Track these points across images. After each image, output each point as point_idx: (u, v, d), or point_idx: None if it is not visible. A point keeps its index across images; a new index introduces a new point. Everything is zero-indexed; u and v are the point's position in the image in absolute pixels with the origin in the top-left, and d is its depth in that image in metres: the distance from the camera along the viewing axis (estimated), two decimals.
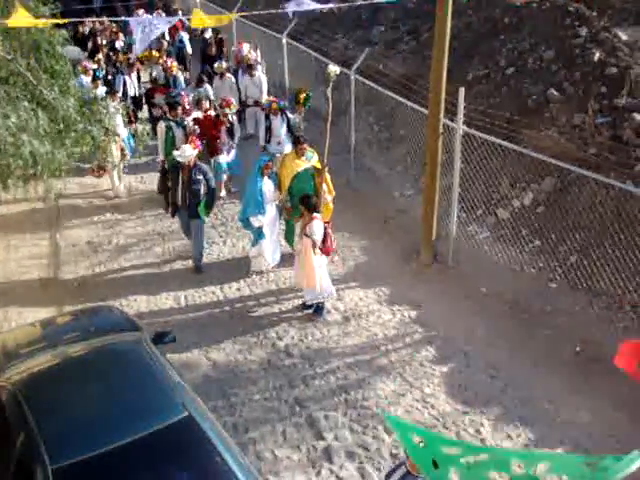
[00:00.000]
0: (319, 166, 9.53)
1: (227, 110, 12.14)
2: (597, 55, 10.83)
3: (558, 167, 8.88)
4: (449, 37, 8.79)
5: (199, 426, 5.48)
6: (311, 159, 9.81)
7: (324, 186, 9.30)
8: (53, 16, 7.71)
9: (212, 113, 12.57)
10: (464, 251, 10.00)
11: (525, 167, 9.97)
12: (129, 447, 5.23)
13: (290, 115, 12.42)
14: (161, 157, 11.90)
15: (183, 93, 13.17)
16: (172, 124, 11.73)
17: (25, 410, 5.54)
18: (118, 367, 6.25)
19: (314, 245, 8.60)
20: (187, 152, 9.79)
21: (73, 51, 15.13)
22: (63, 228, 11.84)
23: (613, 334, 8.07)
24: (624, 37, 11.00)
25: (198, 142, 11.66)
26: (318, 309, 9.07)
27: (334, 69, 8.96)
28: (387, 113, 13.20)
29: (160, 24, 7.15)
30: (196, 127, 11.75)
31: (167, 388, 5.90)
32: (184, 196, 9.82)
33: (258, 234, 9.83)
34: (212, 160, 12.20)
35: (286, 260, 10.16)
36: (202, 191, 9.87)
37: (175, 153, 9.93)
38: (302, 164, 9.74)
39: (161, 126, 11.85)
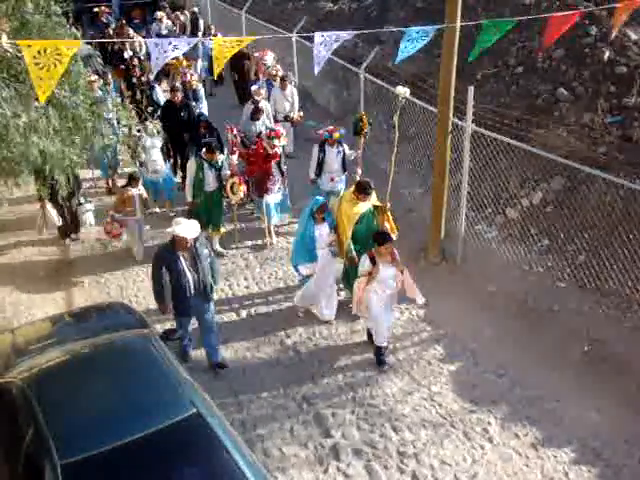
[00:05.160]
0: (377, 203, 8.78)
1: (276, 142, 10.54)
2: (607, 54, 10.80)
3: (567, 166, 8.87)
4: (458, 36, 8.78)
5: (207, 423, 5.51)
6: (368, 200, 8.74)
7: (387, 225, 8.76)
8: (65, 14, 7.73)
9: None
10: (472, 250, 9.99)
11: (534, 166, 9.95)
12: (137, 444, 5.26)
13: (346, 148, 10.74)
14: (188, 198, 10.48)
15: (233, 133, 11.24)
16: (204, 164, 10.25)
17: (34, 406, 5.57)
18: (127, 364, 6.28)
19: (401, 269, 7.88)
20: (191, 228, 7.55)
21: (83, 48, 14.87)
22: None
23: (621, 334, 8.07)
24: (634, 36, 10.96)
25: (244, 186, 10.48)
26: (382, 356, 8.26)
27: (403, 90, 8.65)
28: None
29: (180, 45, 6.25)
30: (233, 169, 10.47)
31: (175, 385, 5.93)
32: (196, 280, 7.65)
33: (305, 279, 8.93)
34: (258, 200, 10.94)
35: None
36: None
37: (176, 230, 7.44)
38: (363, 206, 8.62)
39: (191, 164, 10.42)
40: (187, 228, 7.47)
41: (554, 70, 11.36)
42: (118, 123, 10.86)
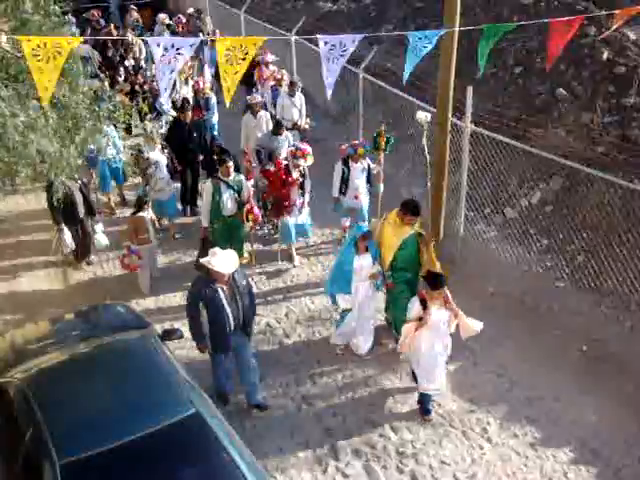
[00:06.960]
0: (421, 230, 8.15)
1: (302, 162, 9.82)
2: (606, 54, 10.81)
3: (566, 166, 8.88)
4: (457, 36, 8.78)
5: (206, 423, 5.52)
6: (415, 223, 8.09)
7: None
8: (64, 13, 7.72)
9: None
10: (471, 250, 9.99)
11: (533, 166, 9.96)
12: (137, 443, 5.26)
13: (371, 163, 10.07)
14: (204, 223, 9.60)
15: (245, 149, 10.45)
16: (221, 185, 9.39)
17: (34, 406, 5.57)
18: (126, 364, 6.28)
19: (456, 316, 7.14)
20: (229, 261, 6.86)
21: (83, 48, 14.71)
22: None
23: (620, 334, 8.08)
24: (633, 36, 10.96)
25: (257, 211, 9.81)
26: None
27: (424, 115, 8.45)
28: (395, 112, 13.18)
29: (183, 48, 5.76)
30: (250, 189, 9.69)
31: (175, 385, 5.93)
32: (236, 315, 7.00)
33: (344, 312, 8.30)
34: (277, 221, 10.37)
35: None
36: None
37: (212, 262, 6.78)
38: (408, 230, 7.98)
39: (207, 186, 9.58)
40: (224, 261, 6.80)
41: (553, 70, 11.36)
42: (128, 131, 10.49)
